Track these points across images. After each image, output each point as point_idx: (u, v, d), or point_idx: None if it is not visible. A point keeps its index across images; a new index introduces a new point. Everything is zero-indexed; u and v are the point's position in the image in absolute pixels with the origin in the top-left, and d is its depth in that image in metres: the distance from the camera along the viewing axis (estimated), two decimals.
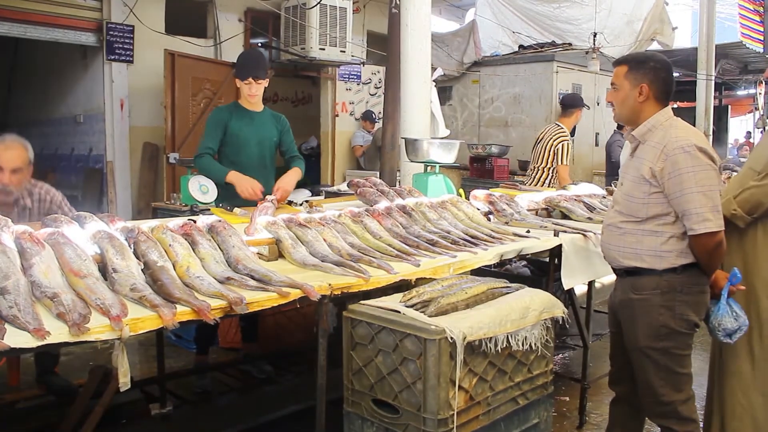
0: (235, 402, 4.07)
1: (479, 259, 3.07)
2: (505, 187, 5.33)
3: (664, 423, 2.85)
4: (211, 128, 4.28)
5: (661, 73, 2.79)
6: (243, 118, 4.32)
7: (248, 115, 4.35)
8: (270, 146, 4.43)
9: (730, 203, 3.05)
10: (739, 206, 3.04)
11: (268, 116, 4.46)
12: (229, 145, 4.31)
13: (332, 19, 8.55)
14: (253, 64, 4.33)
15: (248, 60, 4.42)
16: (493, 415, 2.49)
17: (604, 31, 10.40)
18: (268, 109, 4.51)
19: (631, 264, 2.80)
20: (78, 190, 8.46)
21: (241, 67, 4.35)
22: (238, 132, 4.28)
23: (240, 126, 4.29)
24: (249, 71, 4.26)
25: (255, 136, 4.33)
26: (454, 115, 11.01)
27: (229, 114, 4.32)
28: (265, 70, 4.33)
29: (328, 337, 2.51)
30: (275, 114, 4.53)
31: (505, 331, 2.45)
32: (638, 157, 2.79)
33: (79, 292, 2.08)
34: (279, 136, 4.46)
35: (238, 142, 4.29)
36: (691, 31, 17.43)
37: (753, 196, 3.01)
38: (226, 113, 4.33)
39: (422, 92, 4.98)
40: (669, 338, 2.74)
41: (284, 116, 4.58)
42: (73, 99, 8.45)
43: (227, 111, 4.37)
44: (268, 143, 4.41)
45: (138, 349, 5.00)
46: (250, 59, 4.43)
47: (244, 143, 4.30)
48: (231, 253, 2.62)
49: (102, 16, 7.58)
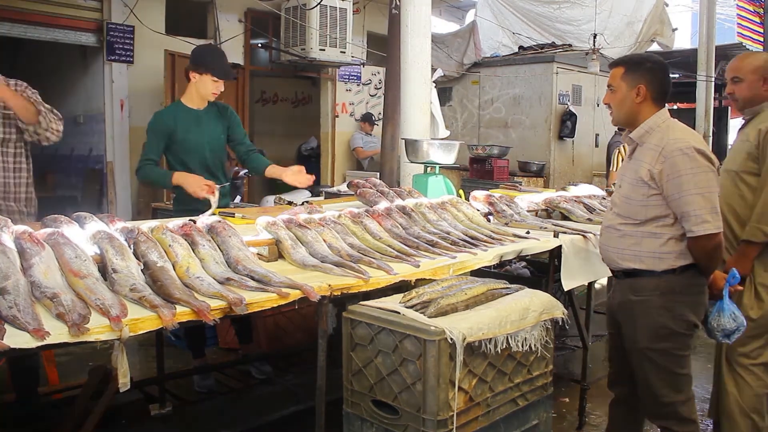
0: (236, 402, 4.06)
1: (479, 260, 3.07)
2: (505, 188, 5.33)
3: (664, 424, 2.86)
4: (152, 137, 4.01)
5: (658, 74, 2.79)
6: (188, 122, 4.05)
7: (193, 117, 4.08)
8: (220, 146, 4.22)
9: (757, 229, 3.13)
10: None
11: (214, 112, 4.19)
12: (177, 152, 4.06)
13: (332, 20, 8.55)
14: (226, 63, 4.15)
15: (223, 59, 4.19)
16: (492, 416, 2.49)
17: (605, 32, 10.40)
18: (212, 102, 4.21)
19: (630, 266, 2.80)
20: (78, 190, 8.47)
21: (220, 65, 4.09)
22: (184, 138, 4.03)
23: (186, 130, 4.03)
24: (229, 73, 4.10)
25: (203, 139, 4.09)
26: (454, 115, 11.01)
27: (172, 120, 4.03)
28: None
29: (328, 337, 2.51)
30: (220, 106, 4.27)
31: (505, 332, 2.45)
32: (636, 159, 2.79)
33: (78, 293, 2.08)
34: (227, 132, 4.23)
35: (187, 148, 4.05)
36: (691, 33, 17.44)
37: None
38: (169, 120, 4.03)
39: (422, 93, 4.99)
40: (669, 339, 2.74)
41: (230, 107, 4.36)
42: (73, 99, 8.45)
43: (171, 117, 4.05)
44: (217, 143, 4.18)
45: (138, 349, 5.00)
46: (224, 58, 4.21)
47: (193, 149, 4.06)
48: (231, 254, 2.62)
49: (102, 17, 7.59)
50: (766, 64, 3.35)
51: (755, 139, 3.24)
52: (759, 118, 3.31)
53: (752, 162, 3.25)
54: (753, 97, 3.36)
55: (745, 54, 3.44)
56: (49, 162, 8.93)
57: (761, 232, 3.15)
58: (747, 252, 3.17)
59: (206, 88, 4.06)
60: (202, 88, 4.07)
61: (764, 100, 3.34)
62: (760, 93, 3.34)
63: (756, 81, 3.33)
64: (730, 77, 3.42)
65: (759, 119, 3.30)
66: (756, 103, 3.36)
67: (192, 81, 4.09)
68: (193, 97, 4.13)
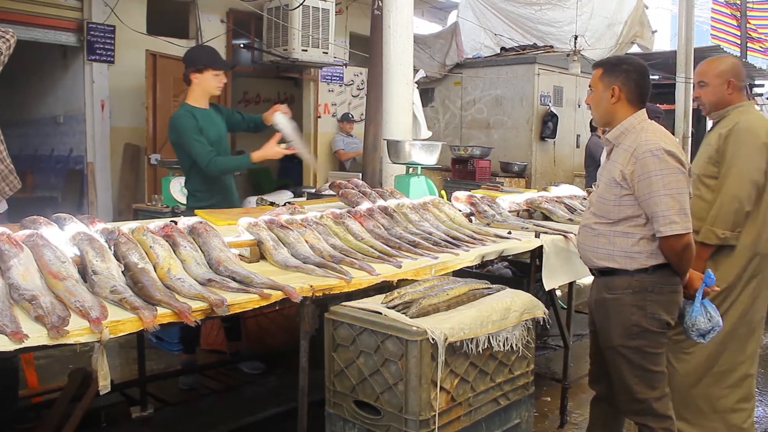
0: (217, 404, 4.05)
1: (461, 261, 3.08)
2: (487, 188, 5.36)
3: (640, 420, 2.89)
4: (191, 135, 4.04)
5: (633, 76, 2.83)
6: (205, 119, 4.16)
7: (206, 115, 4.21)
8: (226, 139, 4.40)
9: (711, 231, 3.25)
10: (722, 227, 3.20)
11: (214, 110, 4.33)
12: None
13: (315, 21, 8.53)
14: (219, 55, 4.26)
15: (215, 52, 4.29)
16: (474, 415, 2.50)
17: (585, 34, 10.48)
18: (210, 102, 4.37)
19: (604, 264, 2.85)
20: (58, 191, 8.39)
21: (218, 58, 4.21)
22: (208, 134, 4.14)
23: (207, 127, 4.15)
24: (226, 62, 4.18)
25: (217, 135, 4.22)
26: (436, 116, 11.03)
27: (194, 119, 4.09)
28: None
29: (311, 338, 2.51)
30: (215, 105, 4.40)
31: (487, 332, 2.46)
32: (612, 160, 2.85)
33: (58, 295, 2.06)
34: (227, 125, 4.38)
35: (210, 143, 4.14)
36: (670, 35, 17.63)
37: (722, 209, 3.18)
38: (192, 119, 4.09)
39: (404, 94, 4.99)
40: (641, 337, 2.78)
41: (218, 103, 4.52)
42: (53, 99, 8.38)
43: (192, 116, 4.11)
44: (225, 137, 4.37)
45: (118, 351, 4.97)
46: (216, 52, 4.32)
47: (215, 143, 4.17)
48: (212, 255, 2.61)
49: (83, 16, 7.53)
50: (731, 68, 3.41)
51: (716, 143, 3.32)
52: (723, 122, 3.38)
53: (712, 165, 3.36)
54: (718, 101, 3.42)
55: (711, 58, 3.49)
56: (28, 162, 8.84)
57: (714, 235, 3.27)
58: (700, 253, 3.23)
59: (210, 83, 4.16)
60: (207, 84, 4.17)
61: (729, 104, 3.39)
62: (725, 97, 3.39)
63: (721, 85, 3.38)
64: (697, 81, 3.49)
65: (722, 123, 3.37)
66: (721, 106, 3.41)
67: (194, 82, 4.18)
68: (198, 97, 4.21)
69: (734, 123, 3.31)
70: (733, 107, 3.39)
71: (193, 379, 4.34)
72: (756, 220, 3.31)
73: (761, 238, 3.34)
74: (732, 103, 3.39)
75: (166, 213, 5.07)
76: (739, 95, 3.41)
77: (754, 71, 15.13)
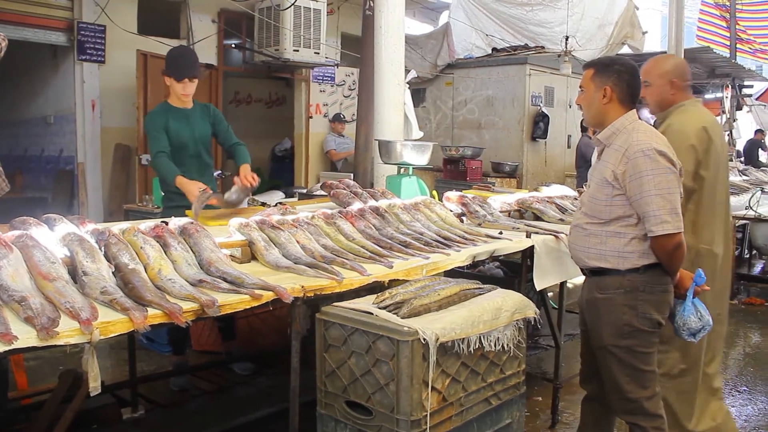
0: (208, 405, 4.04)
1: (452, 261, 3.09)
2: (478, 188, 5.37)
3: (631, 420, 2.90)
4: (154, 133, 4.11)
5: (625, 76, 2.85)
6: (179, 119, 4.21)
7: (182, 115, 4.24)
8: (206, 142, 4.36)
9: None
10: None
11: (199, 111, 4.35)
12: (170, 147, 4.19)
13: (306, 21, 8.52)
14: (188, 63, 4.25)
15: (182, 59, 4.30)
16: (466, 415, 2.51)
17: (577, 35, 10.51)
18: (197, 101, 4.40)
19: (595, 264, 2.85)
20: (48, 191, 8.35)
21: (176, 66, 4.22)
22: (176, 134, 4.18)
23: (178, 127, 4.19)
24: (185, 71, 4.17)
25: (192, 136, 4.24)
26: (427, 117, 11.05)
27: (165, 117, 4.18)
28: (198, 68, 4.29)
29: (303, 339, 2.51)
30: (204, 105, 4.43)
31: (478, 332, 2.47)
32: (603, 160, 2.86)
33: (48, 296, 2.05)
34: (212, 129, 4.37)
35: (179, 143, 4.19)
36: (661, 35, 17.71)
37: None
38: (162, 117, 4.18)
39: (396, 94, 5.00)
40: (632, 336, 2.79)
41: (212, 105, 4.52)
42: (43, 99, 8.33)
43: (163, 114, 4.20)
44: (203, 140, 4.33)
45: (109, 352, 4.95)
46: (185, 58, 4.32)
47: (184, 144, 4.21)
48: (203, 256, 2.61)
49: (73, 16, 7.48)
50: (674, 68, 3.40)
51: None
52: (666, 122, 3.36)
53: None
54: (661, 101, 3.40)
55: (655, 58, 3.47)
56: (18, 163, 8.79)
57: None
58: None
59: (175, 90, 4.22)
60: (173, 90, 4.24)
61: (672, 103, 3.37)
62: (668, 97, 3.38)
63: (663, 85, 3.37)
64: (642, 81, 3.46)
65: (663, 124, 3.35)
66: (665, 106, 3.40)
67: (166, 83, 4.26)
68: (174, 98, 4.28)
69: (668, 124, 3.30)
70: (675, 107, 3.36)
71: (184, 380, 4.33)
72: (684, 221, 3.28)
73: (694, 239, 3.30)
74: (675, 103, 3.38)
75: (157, 213, 5.05)
76: (683, 95, 3.38)
77: (743, 72, 15.23)
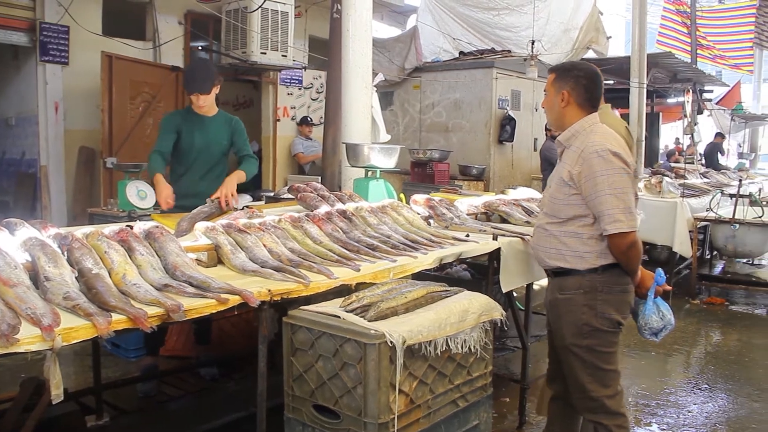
0: (175, 411, 4.00)
1: (419, 263, 3.10)
2: (446, 191, 5.39)
3: (594, 418, 2.95)
4: (164, 131, 4.32)
5: (583, 81, 2.92)
6: (194, 124, 4.36)
7: (200, 121, 4.38)
8: (219, 151, 4.46)
9: None
10: None
11: (221, 120, 4.48)
12: (178, 150, 4.36)
13: (274, 23, 8.49)
14: (198, 77, 4.33)
15: (192, 74, 4.44)
16: (433, 417, 2.52)
17: (542, 39, 10.63)
18: (223, 112, 4.54)
19: (555, 264, 2.91)
20: (10, 195, 8.18)
21: (186, 80, 4.40)
22: (186, 137, 4.33)
23: (190, 131, 4.34)
24: (193, 86, 4.29)
25: (203, 142, 4.37)
26: (395, 120, 11.08)
27: (181, 119, 4.37)
28: (211, 82, 4.33)
29: (271, 343, 2.50)
30: (228, 117, 4.55)
31: (445, 335, 2.48)
32: (562, 161, 2.93)
33: (8, 302, 2.01)
34: (230, 139, 4.49)
35: (186, 147, 4.34)
36: (625, 40, 18.00)
37: None
38: (178, 118, 4.39)
39: (363, 97, 5.00)
40: (592, 336, 2.84)
41: (238, 118, 4.61)
42: (4, 101, 8.16)
43: (180, 116, 4.44)
44: (217, 148, 4.43)
45: (73, 359, 4.86)
46: (195, 72, 4.44)
47: (191, 149, 4.35)
48: (169, 260, 2.58)
49: (35, 16, 7.36)
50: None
51: None
52: None
53: None
54: None
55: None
56: None
57: None
58: None
59: (191, 100, 4.36)
60: (191, 102, 4.38)
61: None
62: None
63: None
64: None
65: None
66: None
67: None
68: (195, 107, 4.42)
69: None
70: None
71: (150, 385, 4.28)
72: None
73: None
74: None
75: (122, 217, 4.99)
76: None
77: (703, 77, 15.56)
